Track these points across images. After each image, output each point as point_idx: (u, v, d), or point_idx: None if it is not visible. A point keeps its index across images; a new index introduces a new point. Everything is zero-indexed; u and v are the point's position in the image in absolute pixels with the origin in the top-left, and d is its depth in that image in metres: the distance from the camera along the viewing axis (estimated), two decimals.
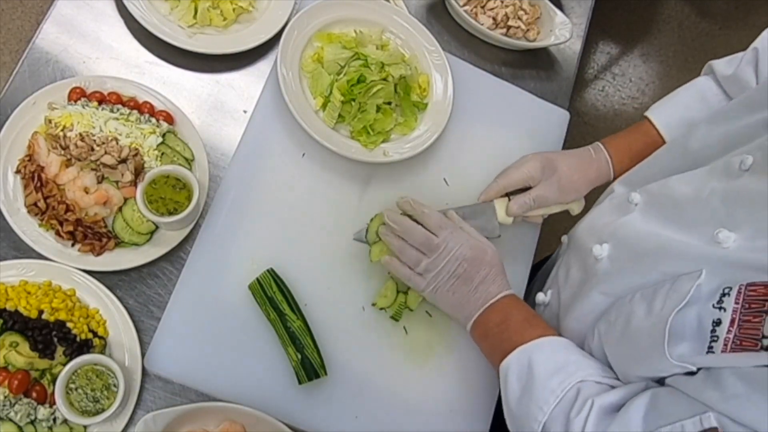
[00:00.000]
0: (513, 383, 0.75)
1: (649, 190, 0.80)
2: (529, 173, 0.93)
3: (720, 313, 0.60)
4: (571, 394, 0.70)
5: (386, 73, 0.99)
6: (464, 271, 0.83)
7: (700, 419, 0.57)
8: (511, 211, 0.94)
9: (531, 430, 0.71)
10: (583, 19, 1.28)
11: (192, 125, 0.93)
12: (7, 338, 0.77)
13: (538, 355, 0.75)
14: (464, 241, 0.84)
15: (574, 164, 0.94)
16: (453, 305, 0.85)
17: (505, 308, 0.82)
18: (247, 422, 0.81)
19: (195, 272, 0.87)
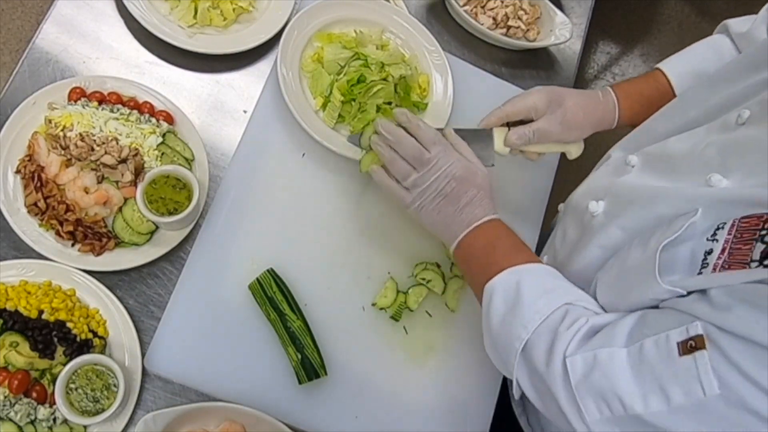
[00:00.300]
0: (497, 304, 0.73)
1: (647, 152, 0.80)
2: (534, 104, 0.90)
3: (713, 244, 0.60)
4: (559, 313, 0.68)
5: (386, 73, 0.99)
6: (452, 190, 0.81)
7: (687, 328, 0.56)
8: (509, 141, 0.91)
9: (512, 349, 0.69)
10: (583, 19, 1.28)
11: (192, 125, 0.93)
12: (7, 338, 0.77)
13: (526, 278, 0.73)
14: (456, 160, 0.82)
15: (581, 102, 0.91)
16: (437, 224, 0.83)
17: (492, 232, 0.81)
18: (247, 422, 0.81)
19: (195, 272, 0.87)
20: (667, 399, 0.55)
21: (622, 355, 0.59)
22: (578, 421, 0.62)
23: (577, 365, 0.62)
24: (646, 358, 0.58)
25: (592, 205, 0.78)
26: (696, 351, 0.54)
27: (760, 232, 0.57)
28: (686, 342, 0.55)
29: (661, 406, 0.55)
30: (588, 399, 0.61)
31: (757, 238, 0.56)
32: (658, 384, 0.56)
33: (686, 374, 0.54)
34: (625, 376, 0.58)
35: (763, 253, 0.55)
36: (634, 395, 0.57)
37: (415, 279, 0.95)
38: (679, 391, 0.54)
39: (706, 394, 0.53)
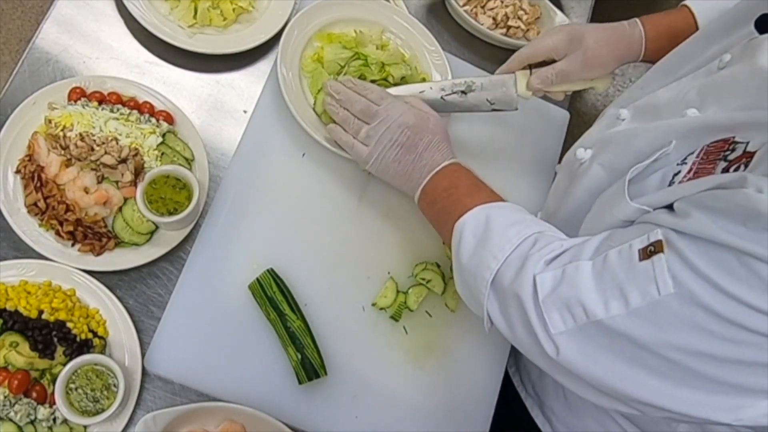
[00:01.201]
0: (467, 238, 0.73)
1: (637, 105, 0.81)
2: (555, 45, 0.90)
3: (681, 167, 0.63)
4: (529, 241, 0.69)
5: (386, 73, 0.99)
6: (407, 138, 0.83)
7: (648, 235, 0.57)
8: (532, 84, 0.91)
9: (482, 280, 0.69)
10: (583, 19, 1.28)
11: (192, 125, 0.93)
12: (7, 338, 0.77)
13: (496, 212, 0.74)
14: (405, 110, 0.85)
15: (603, 38, 0.90)
16: (399, 175, 0.85)
17: (452, 174, 0.82)
18: (247, 422, 0.81)
19: (195, 272, 0.87)
20: (626, 302, 0.56)
21: (587, 267, 0.60)
22: (546, 340, 0.62)
23: (546, 281, 0.63)
24: (609, 266, 0.59)
25: (580, 152, 0.80)
26: (654, 255, 0.55)
27: (724, 152, 0.59)
28: (646, 248, 0.56)
29: (620, 310, 0.56)
30: (553, 311, 0.61)
31: (720, 157, 0.59)
32: (618, 289, 0.57)
33: (644, 277, 0.55)
34: (589, 284, 0.59)
35: (724, 169, 0.57)
36: (596, 301, 0.58)
37: (415, 279, 0.95)
38: (637, 293, 0.55)
39: (661, 294, 0.54)
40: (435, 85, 0.95)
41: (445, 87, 0.94)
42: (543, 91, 0.93)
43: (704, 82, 0.71)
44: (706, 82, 0.70)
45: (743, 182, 0.51)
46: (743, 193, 0.50)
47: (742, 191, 0.51)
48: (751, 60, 0.66)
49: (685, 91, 0.72)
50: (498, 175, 1.06)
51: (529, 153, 1.10)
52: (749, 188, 0.50)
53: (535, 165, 1.09)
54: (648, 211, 0.62)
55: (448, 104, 0.94)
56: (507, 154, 1.07)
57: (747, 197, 0.50)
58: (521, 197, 1.05)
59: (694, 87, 0.71)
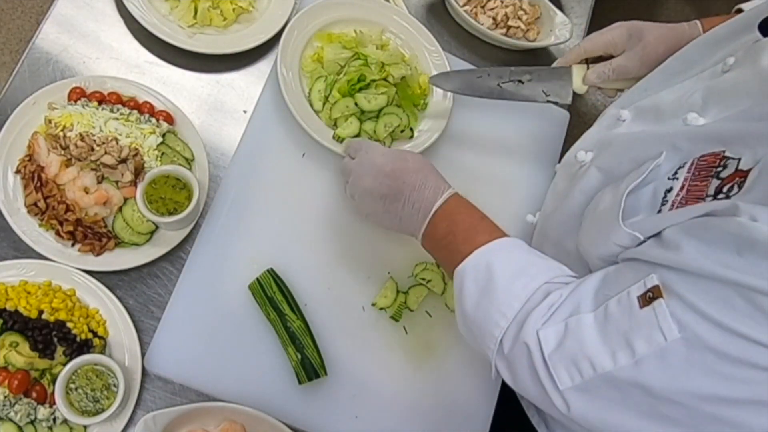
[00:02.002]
0: (469, 287, 0.70)
1: (638, 106, 0.80)
2: (614, 40, 0.89)
3: (673, 183, 0.62)
4: (537, 296, 0.66)
5: (386, 73, 0.99)
6: (387, 188, 0.78)
7: (644, 282, 0.56)
8: (588, 79, 0.91)
9: (491, 335, 0.67)
10: (583, 19, 1.28)
11: (192, 125, 0.93)
12: (7, 338, 0.77)
13: (495, 257, 0.70)
14: (380, 156, 0.80)
15: (662, 35, 0.89)
16: (395, 224, 0.81)
17: (449, 215, 0.77)
18: (247, 422, 0.81)
19: (195, 272, 0.87)
20: (632, 352, 0.55)
21: (589, 320, 0.60)
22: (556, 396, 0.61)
23: (549, 337, 0.61)
24: (611, 317, 0.58)
25: (581, 155, 0.79)
26: (654, 301, 0.54)
27: (716, 168, 0.58)
28: (645, 294, 0.56)
29: (627, 360, 0.55)
30: (560, 367, 0.60)
31: (713, 174, 0.58)
32: (623, 339, 0.56)
33: (647, 324, 0.54)
34: (593, 338, 0.58)
35: (717, 189, 0.56)
36: (603, 354, 0.57)
37: (415, 279, 0.95)
38: (643, 342, 0.54)
39: (667, 340, 0.53)
40: (492, 71, 0.94)
41: (503, 74, 0.94)
42: (597, 86, 0.92)
43: (708, 84, 0.70)
44: (710, 84, 0.70)
45: (735, 210, 0.50)
46: (736, 222, 0.49)
47: (735, 220, 0.50)
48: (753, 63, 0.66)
49: (689, 93, 0.72)
50: (498, 174, 1.06)
51: (529, 153, 1.10)
52: (742, 216, 0.49)
53: (535, 165, 1.09)
54: (640, 239, 0.61)
55: (504, 92, 0.94)
56: (507, 153, 1.07)
57: (740, 226, 0.49)
58: (521, 197, 1.05)
59: (698, 90, 0.70)
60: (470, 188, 1.03)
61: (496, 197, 1.04)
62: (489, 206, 1.03)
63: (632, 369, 0.55)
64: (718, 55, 0.76)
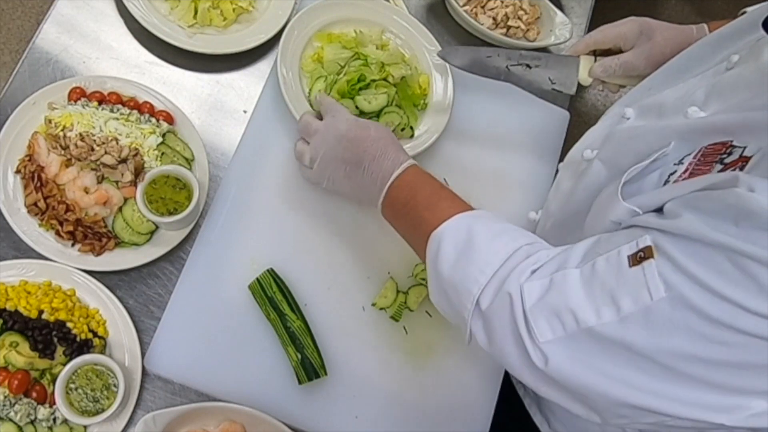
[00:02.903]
0: (447, 249, 0.68)
1: (642, 104, 0.81)
2: (625, 33, 0.90)
3: (677, 167, 0.62)
4: (519, 254, 0.65)
5: (386, 73, 0.99)
6: (351, 154, 0.79)
7: (636, 242, 0.56)
8: (594, 72, 0.92)
9: (468, 293, 0.65)
10: (583, 19, 1.28)
11: (192, 125, 0.93)
12: (7, 338, 0.78)
13: (477, 221, 0.70)
14: (344, 121, 0.81)
15: (671, 36, 0.91)
16: (353, 191, 0.82)
17: (408, 184, 0.78)
18: (247, 422, 0.81)
19: (195, 272, 0.87)
20: (617, 309, 0.55)
21: (575, 274, 0.59)
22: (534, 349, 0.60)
23: (533, 290, 0.61)
24: (598, 273, 0.58)
25: (587, 153, 0.79)
26: (645, 261, 0.55)
27: (721, 155, 0.58)
28: (636, 254, 0.56)
29: (612, 316, 0.55)
30: (541, 319, 0.59)
31: (717, 160, 0.58)
32: (609, 296, 0.56)
33: (635, 283, 0.54)
34: (578, 292, 0.58)
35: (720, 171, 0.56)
36: (587, 309, 0.57)
37: (415, 279, 0.95)
38: (629, 299, 0.54)
39: (653, 299, 0.53)
40: (503, 52, 0.95)
41: (512, 56, 0.94)
42: (602, 80, 0.93)
43: (712, 81, 0.70)
44: (714, 81, 0.70)
45: (735, 181, 0.51)
46: (735, 193, 0.50)
47: (734, 191, 0.50)
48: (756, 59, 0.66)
49: (692, 90, 0.72)
50: (498, 174, 1.06)
51: (529, 152, 1.10)
52: (741, 187, 0.50)
53: (536, 164, 1.09)
54: (638, 213, 0.61)
55: (511, 75, 0.94)
56: (507, 153, 1.07)
57: (738, 196, 0.49)
58: (520, 197, 1.05)
59: (702, 87, 0.71)
60: (471, 187, 1.03)
61: (497, 196, 1.04)
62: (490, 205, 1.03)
63: (616, 325, 0.55)
64: (723, 53, 0.77)
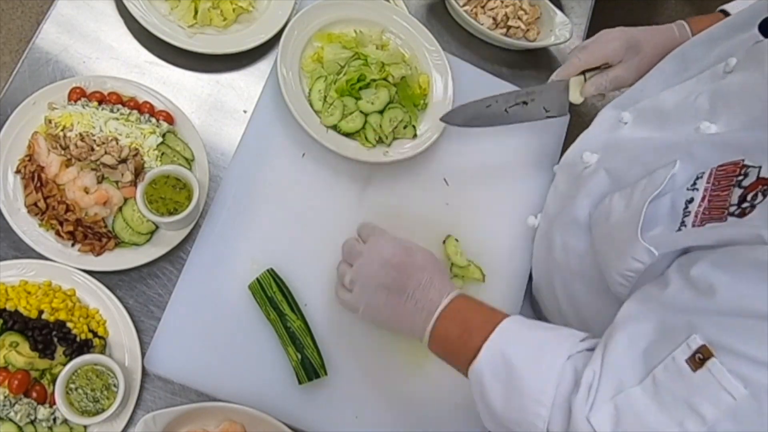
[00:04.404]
0: (492, 385, 0.66)
1: (639, 108, 0.80)
2: (612, 52, 0.90)
3: (693, 193, 0.61)
4: (568, 376, 0.63)
5: (386, 73, 0.99)
6: (393, 279, 0.75)
7: (687, 344, 0.55)
8: (587, 91, 0.93)
9: (533, 426, 0.63)
10: (583, 19, 1.28)
11: (192, 125, 0.93)
12: (7, 338, 0.77)
13: (506, 346, 0.67)
14: (390, 245, 0.77)
15: (659, 44, 0.91)
16: (393, 321, 0.77)
17: (460, 314, 0.74)
18: (247, 422, 0.81)
19: (195, 272, 0.87)
20: (702, 418, 0.53)
21: (638, 393, 0.57)
22: None
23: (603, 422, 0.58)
24: (663, 386, 0.56)
25: (587, 156, 0.79)
26: (707, 361, 0.53)
27: (737, 177, 0.58)
28: (693, 357, 0.54)
29: (698, 427, 0.53)
30: None
31: (734, 183, 0.57)
32: (686, 407, 0.54)
33: (708, 387, 0.53)
34: (652, 412, 0.56)
35: (741, 197, 0.56)
36: (669, 426, 0.54)
37: None
38: (709, 405, 0.52)
39: (736, 398, 0.51)
40: (500, 98, 0.97)
41: (509, 99, 0.96)
42: None
43: (713, 87, 0.70)
44: (715, 88, 0.70)
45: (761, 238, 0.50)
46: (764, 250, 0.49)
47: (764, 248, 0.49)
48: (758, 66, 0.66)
49: (694, 96, 0.71)
50: (497, 174, 1.06)
51: (528, 153, 1.09)
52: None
53: (535, 165, 1.09)
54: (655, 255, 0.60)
55: (510, 116, 0.96)
56: (507, 154, 1.07)
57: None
58: (519, 197, 1.05)
59: (703, 92, 0.70)
60: (470, 188, 1.03)
61: (496, 196, 1.04)
62: (490, 205, 1.03)
63: None
64: (716, 53, 0.76)
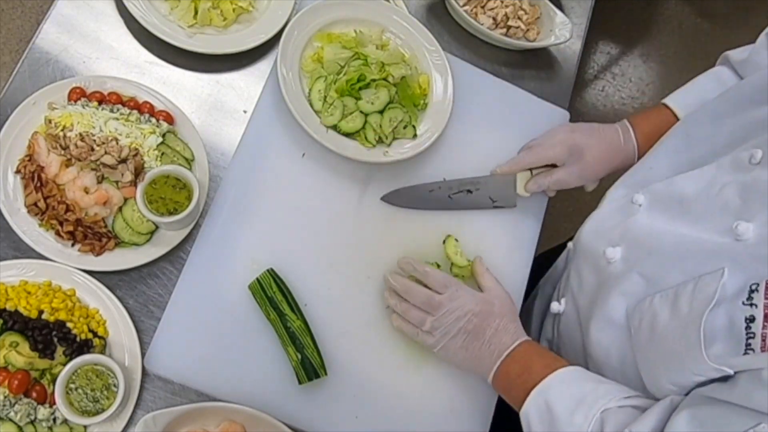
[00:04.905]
0: (536, 427, 0.73)
1: (654, 190, 0.80)
2: (555, 156, 0.95)
3: (752, 310, 0.59)
4: (597, 427, 0.67)
5: (386, 73, 0.99)
6: (474, 326, 0.82)
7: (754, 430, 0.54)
8: (529, 188, 0.98)
9: None
10: (583, 19, 1.28)
11: (192, 125, 0.93)
12: (7, 338, 0.77)
13: (553, 393, 0.73)
14: (470, 296, 0.84)
15: (602, 152, 0.94)
16: (466, 360, 0.84)
17: (524, 357, 0.81)
18: (247, 422, 0.81)
19: (195, 272, 0.87)
20: None
21: None
22: None
23: None
24: None
25: (610, 252, 0.79)
26: None
27: None
28: None
29: None
30: None
31: None
32: None
33: None
34: None
35: None
36: None
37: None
38: None
39: None
40: (444, 184, 0.99)
41: (453, 186, 0.99)
42: None
43: (741, 180, 0.68)
44: (743, 181, 0.68)
45: None
46: None
47: None
48: None
49: (718, 186, 0.70)
50: None
51: None
52: None
53: None
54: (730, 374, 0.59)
55: (454, 202, 0.99)
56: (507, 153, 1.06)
57: None
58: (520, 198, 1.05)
59: (728, 184, 0.69)
60: None
61: None
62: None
63: None
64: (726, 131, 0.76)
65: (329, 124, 0.96)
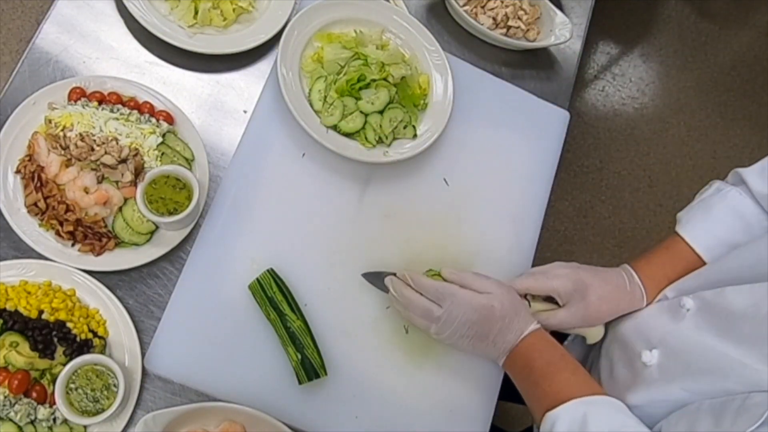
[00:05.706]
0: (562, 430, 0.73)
1: (703, 297, 0.78)
2: (557, 289, 0.88)
3: None
4: None
5: (386, 73, 0.99)
6: (475, 333, 0.84)
7: None
8: None
9: None
10: (583, 19, 1.28)
11: (192, 125, 0.93)
12: (7, 338, 0.78)
13: (594, 412, 0.72)
14: (467, 306, 0.83)
15: (606, 294, 0.88)
16: (475, 353, 0.88)
17: (528, 351, 0.82)
18: (247, 422, 0.81)
19: (195, 272, 0.87)
20: None
21: None
22: None
23: None
24: None
25: (646, 355, 0.78)
26: None
27: None
28: None
29: None
30: None
31: None
32: None
33: None
34: None
35: None
36: None
37: None
38: None
39: None
40: None
41: None
42: None
43: None
44: None
45: None
46: None
47: None
48: None
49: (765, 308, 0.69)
50: (497, 174, 1.06)
51: (529, 152, 1.10)
52: None
53: (535, 165, 1.09)
54: None
55: None
56: (507, 153, 1.07)
57: None
58: (520, 198, 1.06)
59: None
60: (470, 188, 1.03)
61: (496, 196, 1.04)
62: (489, 205, 1.04)
63: None
64: None
65: (329, 124, 0.97)
